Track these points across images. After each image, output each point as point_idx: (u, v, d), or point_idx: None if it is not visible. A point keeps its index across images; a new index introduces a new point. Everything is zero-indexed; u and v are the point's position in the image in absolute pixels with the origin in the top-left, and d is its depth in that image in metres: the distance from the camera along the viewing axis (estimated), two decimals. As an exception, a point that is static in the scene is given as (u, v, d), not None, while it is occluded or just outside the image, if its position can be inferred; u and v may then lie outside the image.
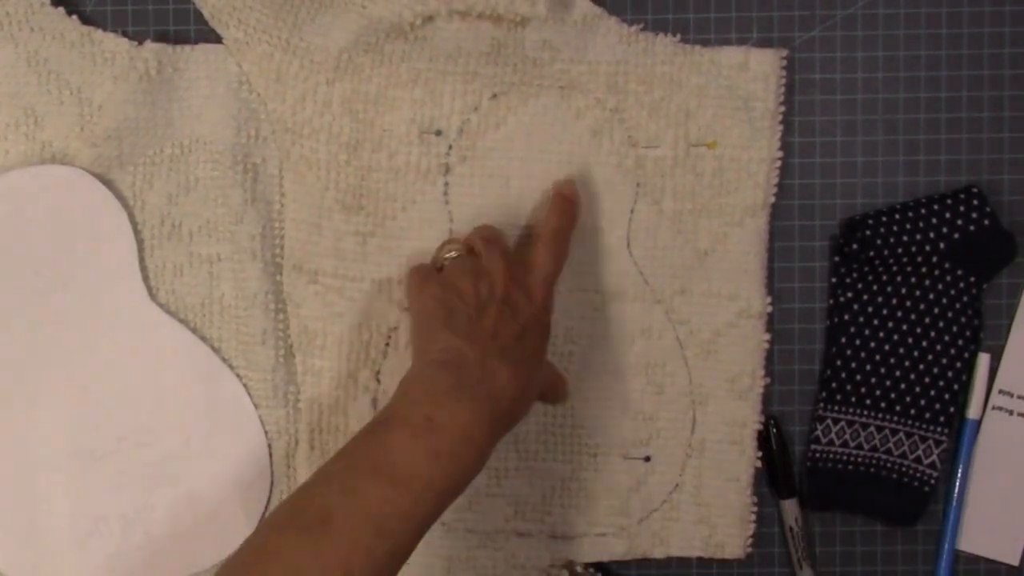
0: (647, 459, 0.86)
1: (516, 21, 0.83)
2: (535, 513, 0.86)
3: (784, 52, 0.85)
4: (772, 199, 0.85)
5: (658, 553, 0.86)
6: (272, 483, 0.85)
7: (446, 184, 0.84)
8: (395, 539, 0.64)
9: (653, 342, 0.85)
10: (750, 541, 0.87)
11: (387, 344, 0.84)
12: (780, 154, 0.85)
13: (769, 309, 0.86)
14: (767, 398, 0.87)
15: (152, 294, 0.84)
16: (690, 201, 0.85)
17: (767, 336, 0.86)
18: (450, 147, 0.84)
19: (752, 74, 0.84)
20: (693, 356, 0.86)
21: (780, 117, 0.85)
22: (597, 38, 0.84)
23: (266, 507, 0.85)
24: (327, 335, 0.84)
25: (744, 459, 0.86)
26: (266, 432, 0.85)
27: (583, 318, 0.85)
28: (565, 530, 0.86)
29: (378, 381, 0.84)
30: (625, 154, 0.84)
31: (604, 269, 0.85)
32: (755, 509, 0.87)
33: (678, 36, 0.85)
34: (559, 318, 0.85)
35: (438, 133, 0.84)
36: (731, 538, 0.86)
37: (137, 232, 0.84)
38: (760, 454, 0.87)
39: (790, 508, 0.87)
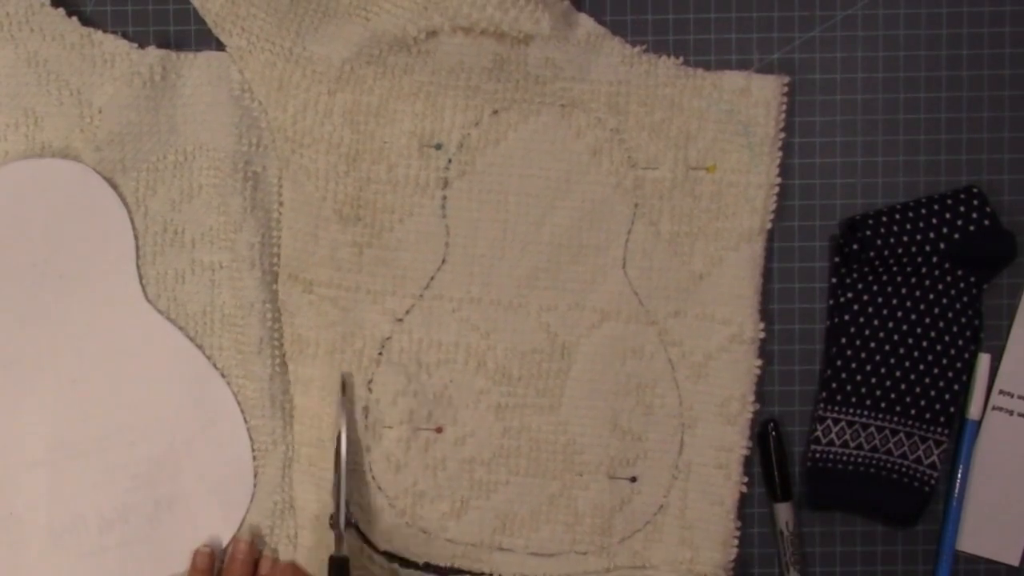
0: (633, 479, 0.86)
1: (519, 38, 0.83)
2: (521, 529, 0.86)
3: (786, 79, 0.85)
4: (769, 225, 0.85)
5: (640, 572, 0.86)
6: (254, 490, 0.85)
7: (444, 198, 0.84)
8: None
9: (645, 363, 0.85)
10: (732, 565, 0.86)
11: (380, 354, 0.85)
12: (779, 180, 0.85)
13: (762, 335, 0.85)
14: (755, 421, 0.87)
15: (154, 301, 0.84)
16: (687, 224, 0.85)
17: (759, 362, 0.86)
18: (449, 161, 0.84)
19: (753, 99, 0.84)
20: (684, 378, 0.86)
21: (780, 143, 0.85)
22: (600, 58, 0.84)
23: (246, 513, 0.85)
24: (319, 344, 0.84)
25: (730, 483, 0.86)
26: (259, 441, 0.85)
27: (577, 336, 0.85)
28: (549, 547, 0.86)
29: (370, 390, 0.85)
30: (624, 174, 0.84)
31: (599, 288, 0.85)
32: (738, 533, 0.86)
33: (681, 59, 0.85)
34: (554, 334, 0.85)
35: (438, 147, 0.84)
36: (713, 561, 0.86)
37: (139, 238, 0.84)
38: (742, 476, 0.87)
39: (783, 512, 0.87)
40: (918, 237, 0.85)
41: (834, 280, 0.87)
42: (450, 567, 0.86)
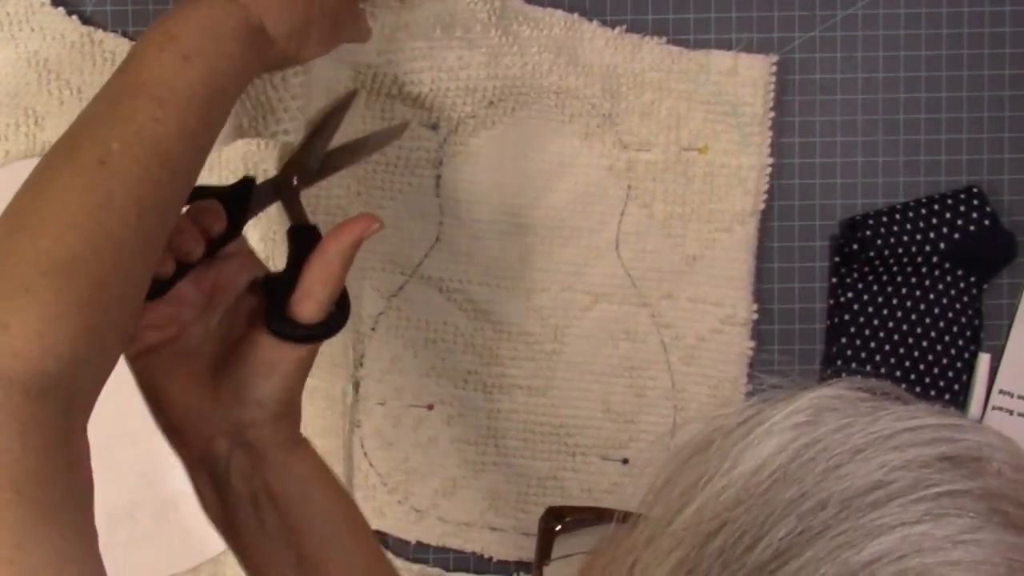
0: (625, 461, 0.86)
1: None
2: (509, 509, 0.86)
3: (774, 58, 0.85)
4: (762, 206, 0.85)
5: None
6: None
7: (438, 177, 0.84)
8: (175, 162, 0.59)
9: (637, 345, 0.85)
10: None
11: (372, 329, 0.85)
12: (771, 161, 0.85)
13: (755, 316, 0.86)
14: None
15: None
16: (680, 206, 0.85)
17: (751, 343, 0.86)
18: (444, 141, 0.84)
19: (741, 80, 0.84)
20: (676, 361, 0.86)
21: (770, 123, 0.85)
22: (584, 43, 0.84)
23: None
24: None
25: None
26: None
27: (569, 318, 0.85)
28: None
29: (361, 365, 0.85)
30: (616, 157, 0.84)
31: (592, 270, 0.85)
32: None
33: (664, 38, 0.84)
34: (546, 316, 0.85)
35: (434, 127, 0.84)
36: None
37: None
38: None
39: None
40: (918, 237, 0.85)
41: (834, 280, 0.87)
42: (441, 545, 0.87)
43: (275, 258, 0.83)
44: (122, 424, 0.83)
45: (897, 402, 0.43)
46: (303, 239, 0.67)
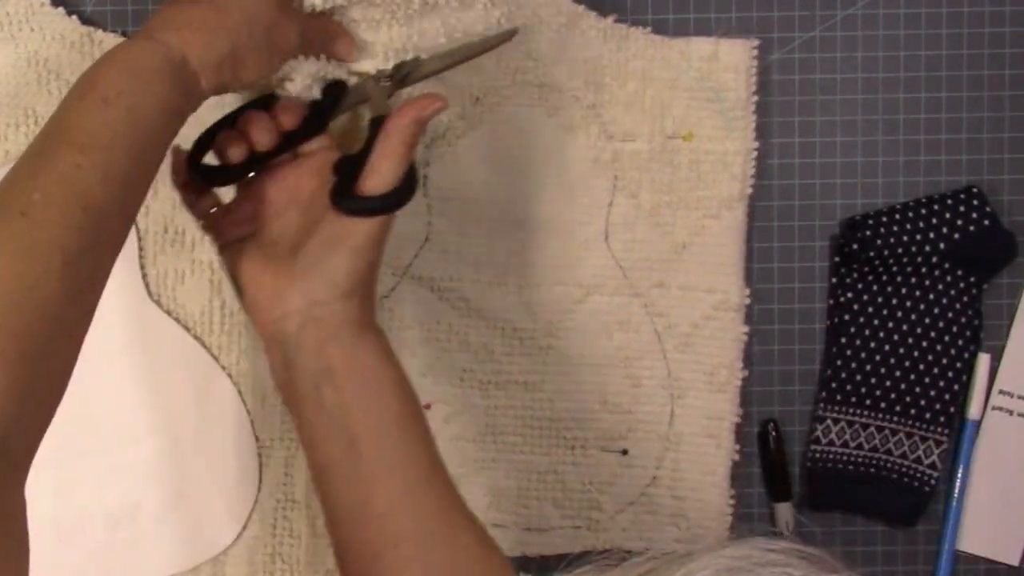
0: (624, 452, 0.86)
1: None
2: (511, 505, 0.86)
3: (755, 43, 0.85)
4: (749, 191, 0.85)
5: (633, 545, 0.86)
6: (259, 486, 0.85)
7: (425, 177, 0.84)
8: (101, 207, 0.58)
9: (631, 335, 0.86)
10: (727, 535, 0.86)
11: None
12: (756, 145, 0.85)
13: (747, 301, 0.86)
14: (745, 391, 0.87)
15: (154, 300, 0.84)
16: (667, 194, 0.85)
17: (745, 329, 0.86)
18: (431, 142, 0.84)
19: (722, 65, 0.84)
20: (671, 349, 0.86)
21: (754, 107, 0.85)
22: (575, 35, 0.84)
23: (252, 509, 0.85)
24: None
25: (721, 452, 0.86)
26: (262, 439, 0.85)
27: (562, 312, 0.85)
28: (539, 523, 0.86)
29: None
30: (602, 148, 0.85)
31: (583, 263, 0.85)
32: (732, 503, 0.87)
33: (649, 28, 0.84)
34: (539, 311, 0.85)
35: None
36: (707, 531, 0.86)
37: (140, 238, 0.84)
38: (734, 445, 0.87)
39: (783, 512, 0.87)
40: (918, 237, 0.85)
41: (834, 280, 0.87)
42: None
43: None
44: (120, 425, 0.84)
45: (815, 567, 0.39)
46: (379, 126, 0.70)
